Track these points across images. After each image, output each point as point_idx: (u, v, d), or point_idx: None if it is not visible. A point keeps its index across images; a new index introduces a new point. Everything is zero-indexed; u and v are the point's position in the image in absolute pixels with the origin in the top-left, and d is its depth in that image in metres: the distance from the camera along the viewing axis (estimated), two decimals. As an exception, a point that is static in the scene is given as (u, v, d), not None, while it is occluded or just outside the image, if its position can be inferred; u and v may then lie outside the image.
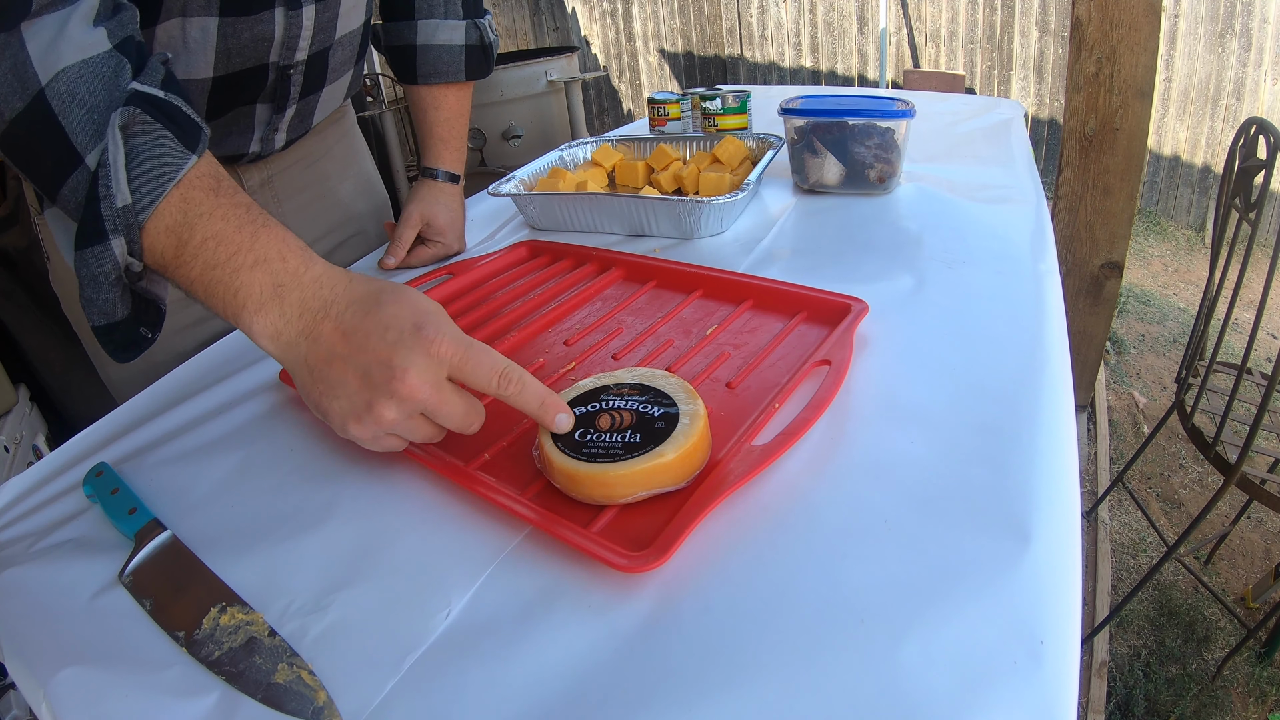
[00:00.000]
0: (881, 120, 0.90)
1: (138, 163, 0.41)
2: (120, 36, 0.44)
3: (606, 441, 0.45)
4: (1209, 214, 3.30)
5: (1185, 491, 1.91)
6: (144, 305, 0.47)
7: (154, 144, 0.42)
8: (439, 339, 0.42)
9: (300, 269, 0.44)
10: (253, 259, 0.43)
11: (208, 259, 0.43)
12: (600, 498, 0.45)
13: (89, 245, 0.41)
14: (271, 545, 0.47)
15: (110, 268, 0.42)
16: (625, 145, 1.12)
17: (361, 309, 0.43)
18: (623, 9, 4.47)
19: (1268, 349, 2.45)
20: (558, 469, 0.46)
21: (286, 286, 0.43)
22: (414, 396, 0.42)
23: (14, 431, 1.38)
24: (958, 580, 0.39)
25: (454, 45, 0.86)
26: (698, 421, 0.46)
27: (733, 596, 0.39)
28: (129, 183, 0.41)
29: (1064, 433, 0.49)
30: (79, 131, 0.41)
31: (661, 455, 0.44)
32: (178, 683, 0.38)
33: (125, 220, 0.41)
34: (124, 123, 0.41)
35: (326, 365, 0.43)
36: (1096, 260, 1.79)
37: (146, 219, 0.42)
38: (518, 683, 0.36)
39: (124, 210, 0.41)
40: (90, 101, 0.41)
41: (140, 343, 0.47)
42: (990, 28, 3.54)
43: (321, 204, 0.92)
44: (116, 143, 0.41)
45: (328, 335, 0.43)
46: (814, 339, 0.60)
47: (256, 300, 0.43)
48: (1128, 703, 1.40)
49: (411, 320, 0.42)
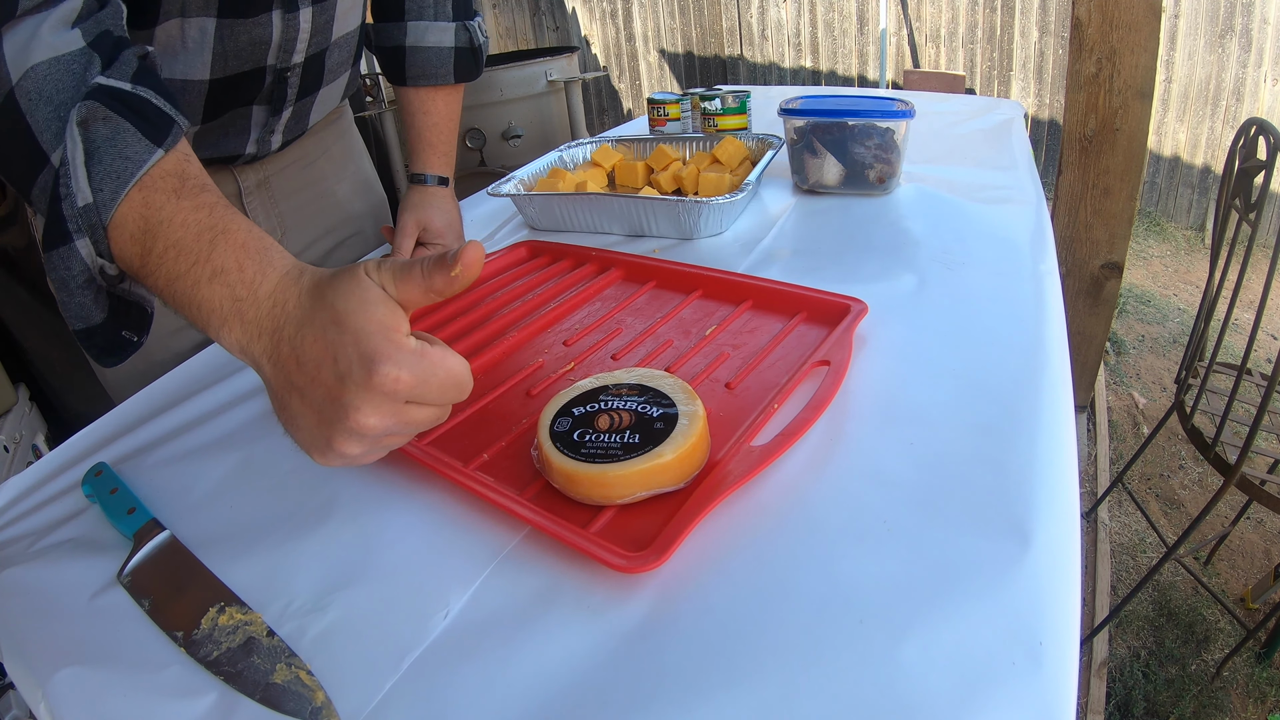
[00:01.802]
0: (881, 121, 0.90)
1: (98, 159, 0.40)
2: (95, 33, 0.43)
3: (605, 442, 0.45)
4: (1209, 214, 3.30)
5: (1185, 492, 1.91)
6: (125, 308, 0.46)
7: (115, 139, 0.40)
8: (389, 374, 0.36)
9: (257, 281, 0.40)
10: (210, 271, 0.40)
11: (169, 270, 0.40)
12: (599, 498, 0.45)
13: (55, 247, 0.40)
14: (270, 545, 0.46)
15: (78, 270, 0.41)
16: (625, 146, 1.12)
17: (311, 331, 0.38)
18: (623, 9, 4.47)
19: (1268, 349, 2.45)
20: (556, 469, 0.46)
21: (244, 302, 0.40)
22: (372, 431, 0.38)
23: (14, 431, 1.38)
24: (957, 581, 0.38)
25: (443, 47, 0.86)
26: (696, 422, 0.46)
27: (733, 596, 0.39)
28: (89, 180, 0.40)
29: (1064, 433, 0.49)
30: (44, 130, 0.40)
31: (660, 456, 0.44)
32: (176, 683, 0.38)
33: (88, 220, 0.40)
34: (82, 118, 0.40)
35: (287, 394, 0.39)
36: (1096, 261, 1.79)
37: (109, 218, 0.40)
38: (517, 683, 0.36)
39: (85, 209, 0.40)
40: (57, 99, 0.40)
41: (125, 346, 0.46)
42: (990, 28, 3.54)
43: (319, 204, 0.92)
44: (75, 139, 0.40)
45: (285, 360, 0.39)
46: (813, 339, 0.60)
47: (219, 316, 0.40)
48: (1127, 703, 1.40)
49: (358, 351, 0.36)
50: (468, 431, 0.55)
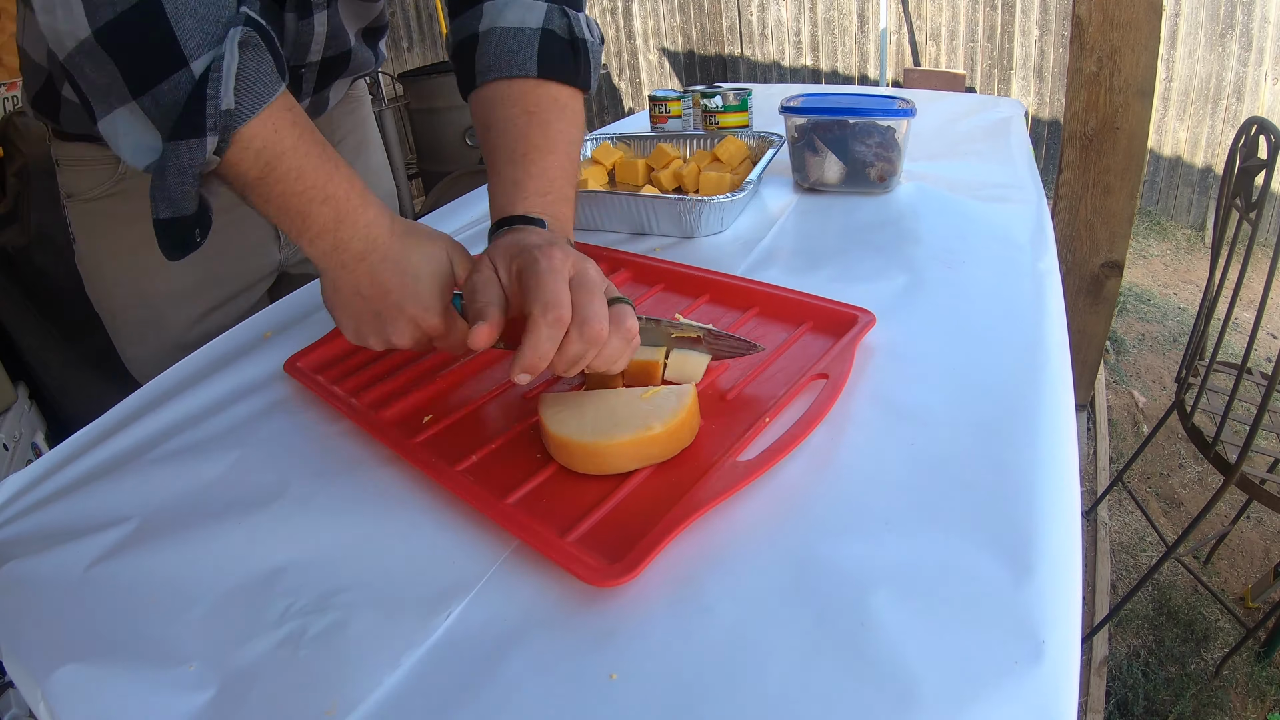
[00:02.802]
0: (882, 119, 0.90)
1: (243, 78, 0.46)
2: None
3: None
4: (1209, 214, 3.30)
5: (1185, 491, 1.91)
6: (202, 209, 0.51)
7: (259, 65, 0.47)
8: (426, 319, 0.53)
9: (358, 210, 0.52)
10: (323, 195, 0.50)
11: (288, 188, 0.50)
12: (594, 469, 0.47)
13: (183, 138, 0.45)
14: (271, 544, 0.46)
15: (200, 160, 0.46)
16: (625, 144, 1.12)
17: (390, 266, 0.53)
18: (623, 7, 4.46)
19: (1268, 349, 2.45)
20: (553, 440, 0.48)
21: (344, 224, 0.52)
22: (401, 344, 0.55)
23: (13, 429, 1.39)
24: (958, 579, 0.38)
25: (526, 28, 0.64)
26: (685, 398, 0.49)
27: (733, 597, 0.39)
28: (235, 92, 0.46)
29: (1064, 432, 0.49)
30: (189, 38, 0.45)
31: (649, 429, 0.46)
32: (175, 680, 0.38)
33: (226, 121, 0.46)
34: (242, 39, 0.46)
35: (351, 295, 0.54)
36: (1096, 259, 1.79)
37: (241, 125, 0.47)
38: (517, 683, 0.36)
39: (226, 114, 0.46)
40: (201, 14, 0.45)
41: (190, 245, 0.51)
42: (991, 26, 3.54)
43: None
44: (233, 54, 0.45)
45: (361, 276, 0.53)
46: (816, 351, 0.59)
47: (318, 228, 0.51)
48: (1127, 702, 1.40)
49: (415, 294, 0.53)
50: (463, 432, 0.55)
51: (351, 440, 0.55)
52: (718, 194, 0.86)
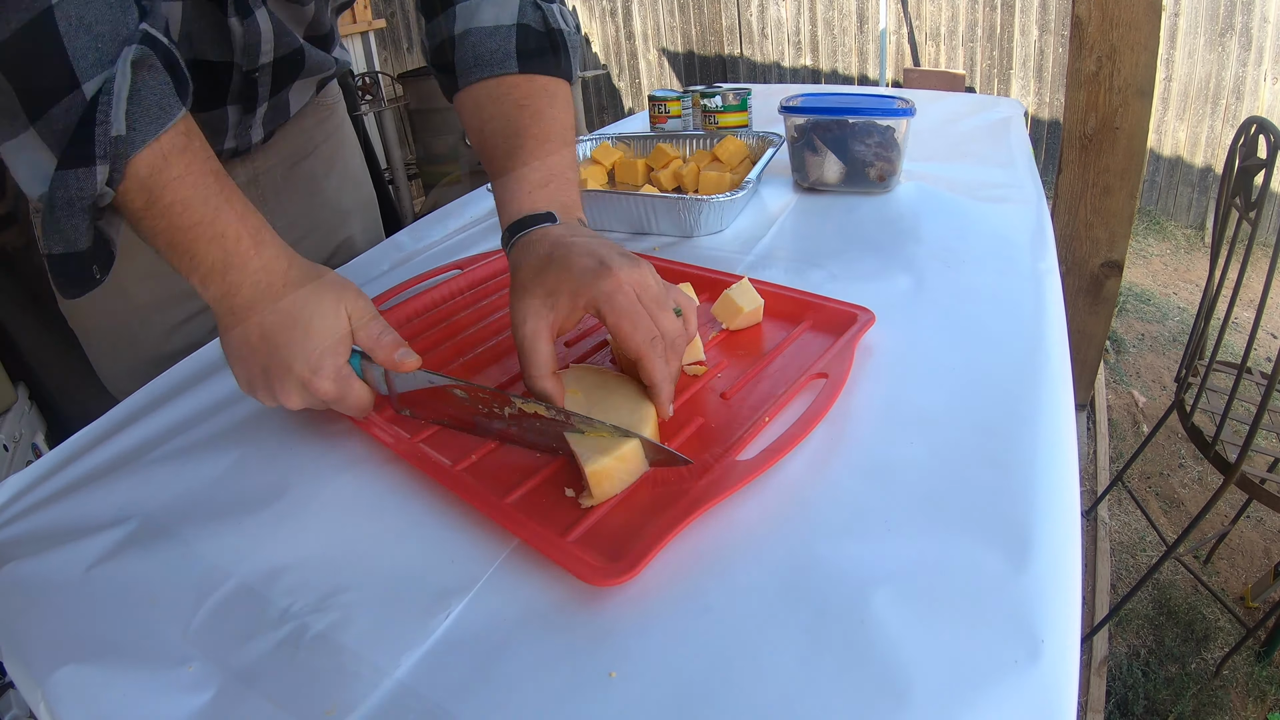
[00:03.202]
0: (882, 118, 0.90)
1: (137, 100, 0.43)
2: None
3: None
4: (1209, 213, 3.30)
5: (1185, 491, 1.91)
6: (100, 243, 0.48)
7: (156, 87, 0.44)
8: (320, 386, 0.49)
9: (249, 253, 0.48)
10: (211, 233, 0.47)
11: (173, 221, 0.46)
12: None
13: (72, 167, 0.42)
14: (271, 544, 0.46)
15: (89, 192, 0.43)
16: (625, 143, 1.12)
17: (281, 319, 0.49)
18: (622, 7, 4.46)
19: (1268, 348, 2.45)
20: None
21: (233, 267, 0.48)
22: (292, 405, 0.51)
23: (13, 430, 1.39)
24: (958, 579, 0.38)
25: (501, 25, 0.63)
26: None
27: (733, 596, 0.39)
28: (126, 116, 0.43)
29: (1064, 432, 0.49)
30: (82, 56, 0.42)
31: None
32: (175, 680, 0.38)
33: (116, 149, 0.43)
34: (136, 59, 0.43)
35: (241, 346, 0.50)
36: (1096, 259, 1.79)
37: (135, 154, 0.44)
38: (517, 682, 0.36)
39: (117, 140, 0.42)
40: (96, 29, 0.42)
41: (89, 282, 0.49)
42: (990, 26, 3.54)
43: (308, 202, 0.91)
44: (126, 75, 0.42)
45: (251, 327, 0.49)
46: (816, 349, 0.59)
47: (206, 270, 0.48)
48: (1127, 702, 1.40)
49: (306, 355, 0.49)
50: (463, 431, 0.54)
51: (351, 440, 0.55)
52: (717, 193, 0.86)
